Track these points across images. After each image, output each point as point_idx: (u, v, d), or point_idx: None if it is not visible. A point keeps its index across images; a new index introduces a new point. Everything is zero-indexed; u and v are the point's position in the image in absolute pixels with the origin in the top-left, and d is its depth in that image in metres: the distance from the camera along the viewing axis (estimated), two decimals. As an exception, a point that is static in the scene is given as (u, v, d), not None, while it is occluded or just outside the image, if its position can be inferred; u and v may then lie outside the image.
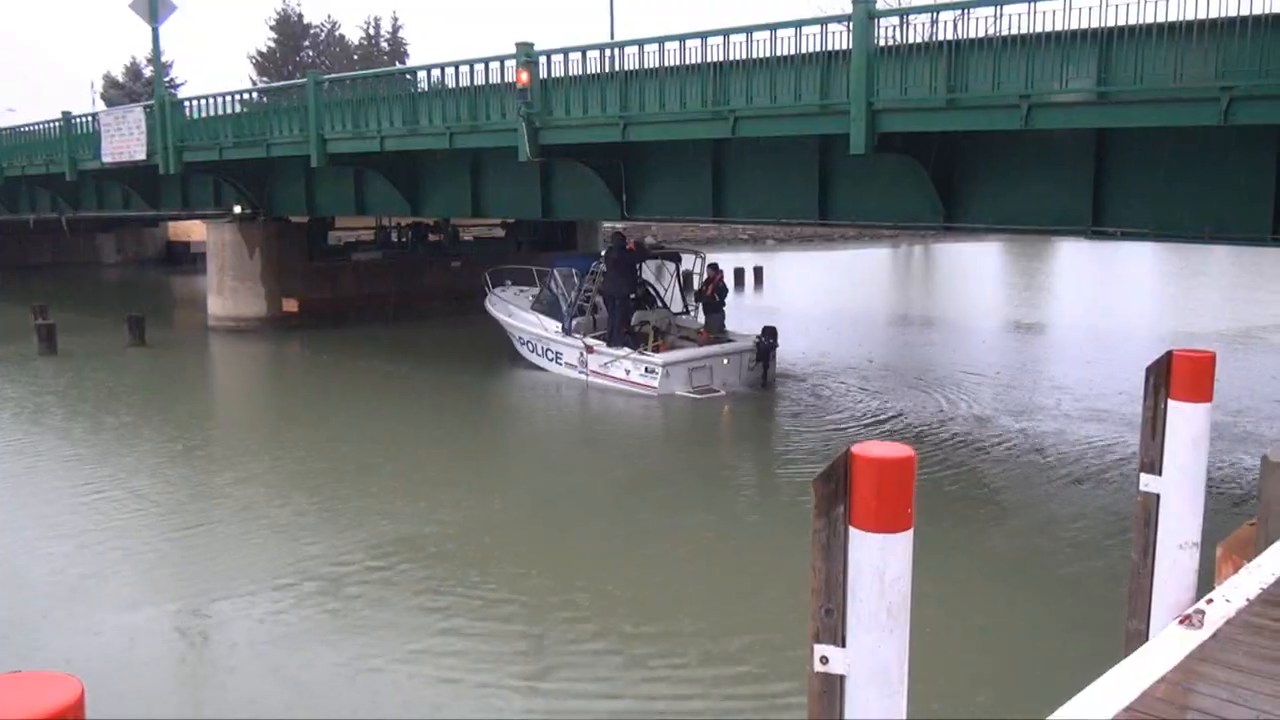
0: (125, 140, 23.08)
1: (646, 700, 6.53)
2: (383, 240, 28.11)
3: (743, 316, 19.49)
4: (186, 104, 22.26)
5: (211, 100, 21.66)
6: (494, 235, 32.52)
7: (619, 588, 8.27)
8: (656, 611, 7.87)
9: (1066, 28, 9.87)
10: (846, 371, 18.05)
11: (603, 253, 17.95)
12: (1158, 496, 4.34)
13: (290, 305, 23.94)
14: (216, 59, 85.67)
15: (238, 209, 24.08)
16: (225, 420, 15.58)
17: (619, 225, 25.47)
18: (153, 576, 8.68)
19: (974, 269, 42.79)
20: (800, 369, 18.23)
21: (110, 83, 59.70)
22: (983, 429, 13.73)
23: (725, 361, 16.42)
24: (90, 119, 25.23)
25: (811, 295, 31.97)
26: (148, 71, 55.43)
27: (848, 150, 11.55)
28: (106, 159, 23.69)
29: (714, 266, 17.74)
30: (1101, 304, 29.19)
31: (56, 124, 26.14)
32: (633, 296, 17.59)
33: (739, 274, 33.38)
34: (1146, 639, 4.19)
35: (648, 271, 19.15)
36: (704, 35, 12.90)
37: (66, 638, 7.52)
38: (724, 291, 17.73)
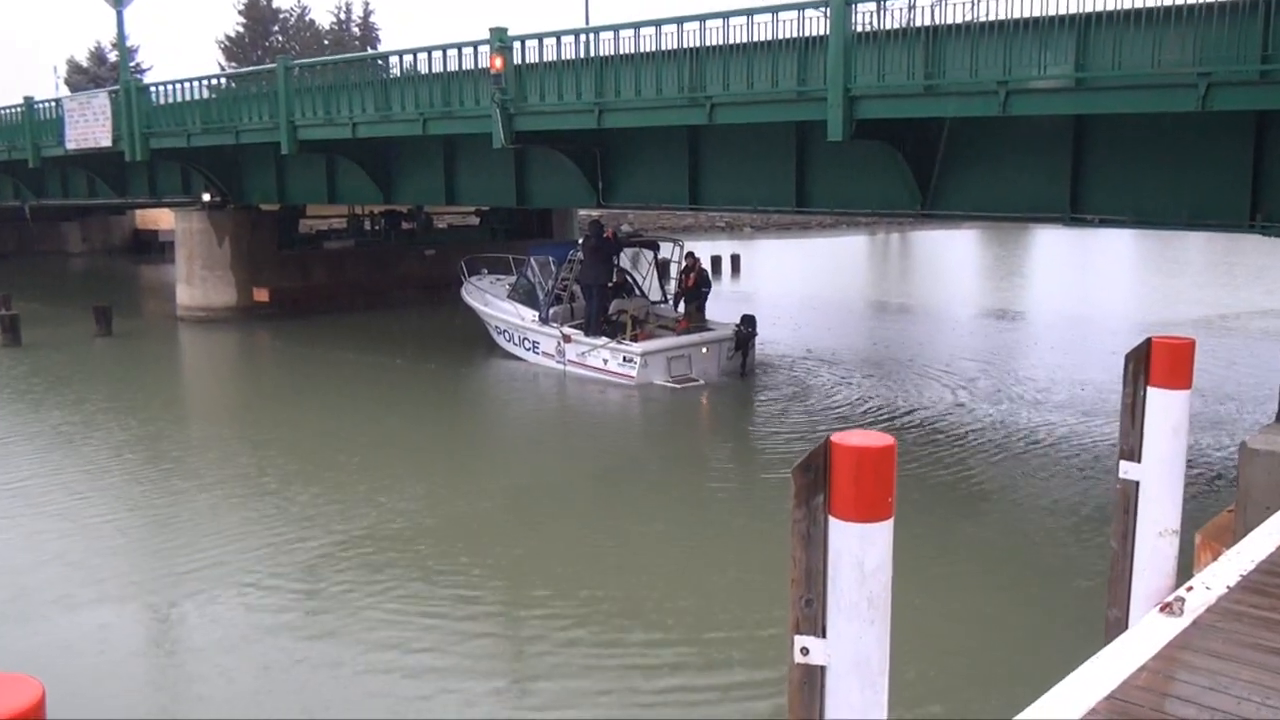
0: (90, 126, 22.72)
1: (630, 696, 6.51)
2: (355, 229, 27.86)
3: (721, 305, 19.48)
4: (153, 89, 21.94)
5: (179, 86, 21.35)
6: (468, 223, 32.29)
7: (596, 583, 8.22)
8: (636, 608, 7.84)
9: (1045, 13, 9.89)
10: (825, 360, 18.09)
11: (580, 241, 17.87)
12: (1137, 484, 4.36)
13: (261, 294, 23.72)
14: (184, 44, 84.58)
15: (207, 197, 23.79)
16: (191, 413, 15.41)
17: (595, 213, 25.40)
18: (110, 575, 8.55)
19: (951, 257, 43.05)
20: (779, 358, 18.24)
21: (74, 68, 58.77)
22: (961, 417, 13.81)
23: (704, 351, 16.42)
24: (54, 105, 24.81)
25: (789, 283, 32.03)
26: (112, 56, 54.59)
27: (825, 137, 11.54)
28: (71, 145, 23.32)
29: (691, 255, 17.71)
30: (1079, 291, 29.45)
31: (19, 109, 25.70)
32: (610, 285, 17.55)
33: (716, 262, 33.37)
34: (1126, 627, 4.21)
35: (625, 260, 19.12)
36: (680, 21, 12.84)
37: (25, 637, 7.41)
38: (706, 281, 17.71)
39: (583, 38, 13.97)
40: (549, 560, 8.67)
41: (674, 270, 18.45)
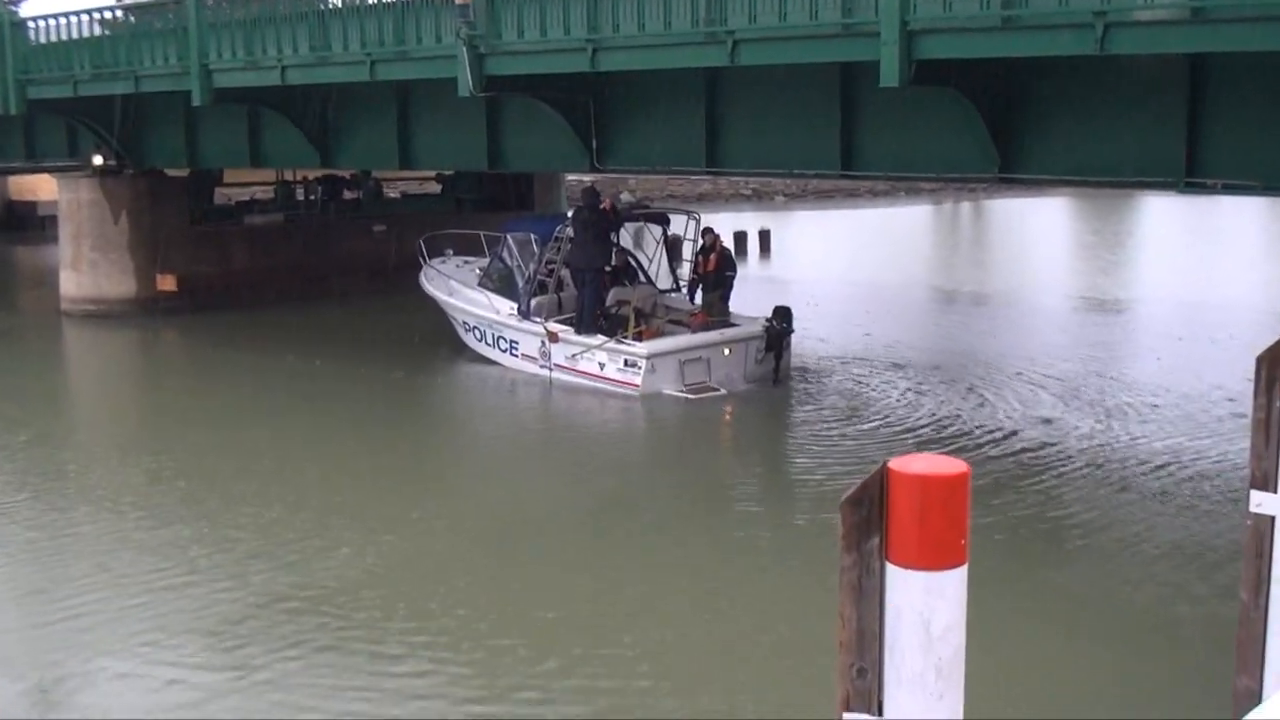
0: (-49, 72, 22.80)
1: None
2: (285, 199, 27.96)
3: (746, 293, 19.54)
4: (31, 25, 22.03)
5: (64, 21, 21.45)
6: (427, 192, 32.35)
7: (586, 669, 8.09)
8: (636, 680, 7.85)
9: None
10: (879, 363, 18.14)
11: (569, 214, 17.91)
12: (1272, 520, 4.38)
13: (166, 282, 23.80)
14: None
15: (98, 160, 23.88)
16: (76, 436, 15.45)
17: (588, 179, 25.42)
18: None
19: (1036, 231, 43.14)
20: (821, 361, 18.30)
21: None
22: (1051, 435, 13.84)
23: (726, 352, 16.47)
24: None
25: (833, 266, 32.10)
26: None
27: (877, 82, 11.58)
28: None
29: (709, 232, 17.76)
30: (1200, 274, 29.48)
31: None
32: (608, 269, 17.59)
33: (740, 239, 33.50)
34: (1260, 699, 4.23)
35: (626, 237, 19.14)
36: (695, -65, 12.92)
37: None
38: (729, 264, 17.74)
39: (572, -42, 14.06)
40: (525, 633, 8.52)
41: (688, 250, 18.49)
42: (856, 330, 21.08)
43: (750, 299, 19.88)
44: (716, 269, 17.53)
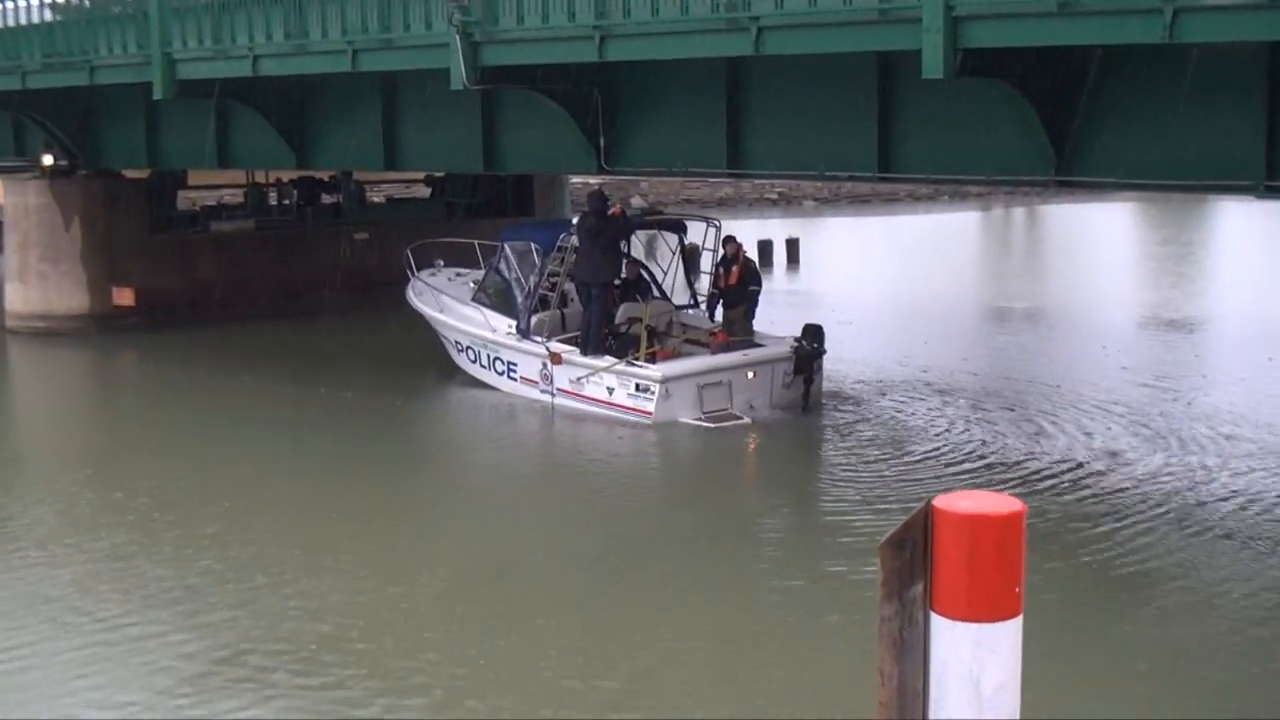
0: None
1: None
2: (256, 204, 28.12)
3: (772, 309, 19.55)
4: (-26, 10, 22.23)
5: (11, 5, 21.62)
6: (415, 196, 32.47)
7: (586, 715, 8.13)
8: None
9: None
10: (923, 389, 18.12)
11: (574, 221, 17.96)
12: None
13: (124, 296, 23.90)
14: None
15: (48, 160, 24.03)
16: (18, 467, 15.49)
17: (595, 182, 25.49)
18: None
19: (1098, 239, 43.11)
20: (856, 385, 18.29)
21: None
22: (1116, 470, 13.80)
23: (750, 375, 16.48)
24: None
25: (869, 279, 32.11)
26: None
27: (920, 74, 11.60)
28: None
29: (731, 241, 17.78)
30: (1281, 290, 29.42)
31: None
32: (617, 283, 17.64)
33: (765, 249, 33.53)
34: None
35: (637, 247, 19.17)
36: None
37: None
38: (754, 277, 17.77)
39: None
40: (516, 695, 8.48)
41: (707, 262, 18.53)
42: (896, 351, 21.06)
43: (776, 316, 19.89)
44: (739, 282, 17.57)
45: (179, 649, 9.26)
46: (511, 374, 17.71)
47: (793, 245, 35.56)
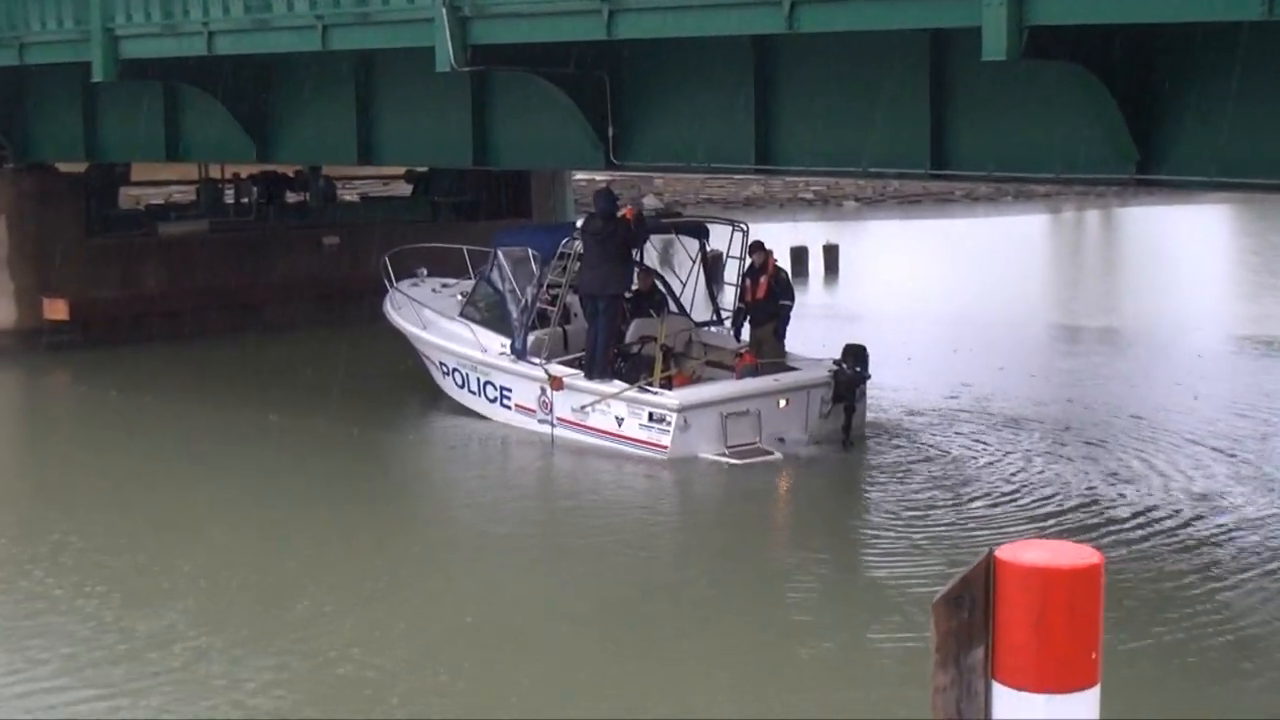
0: None
1: None
2: (211, 203, 28.21)
3: (807, 326, 19.57)
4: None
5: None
6: (395, 194, 32.61)
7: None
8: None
9: None
10: (984, 420, 18.11)
11: (578, 224, 17.99)
12: None
13: (56, 309, 23.94)
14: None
15: (-29, 152, 24.17)
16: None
17: (602, 179, 25.55)
18: None
19: (1186, 246, 43.01)
20: (907, 416, 18.30)
21: None
22: (1209, 517, 13.73)
23: (782, 403, 16.49)
24: None
25: (920, 291, 32.07)
26: None
27: (979, 56, 11.62)
28: None
29: (759, 248, 17.82)
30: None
31: None
32: (628, 295, 17.69)
33: (799, 256, 33.59)
34: None
35: (652, 254, 19.18)
36: None
37: None
38: (786, 289, 17.79)
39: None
40: None
41: (732, 271, 18.55)
42: (952, 376, 21.05)
43: (813, 334, 19.90)
44: (768, 296, 17.61)
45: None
46: (505, 401, 17.72)
47: (831, 252, 35.61)
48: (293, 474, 15.98)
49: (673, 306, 18.67)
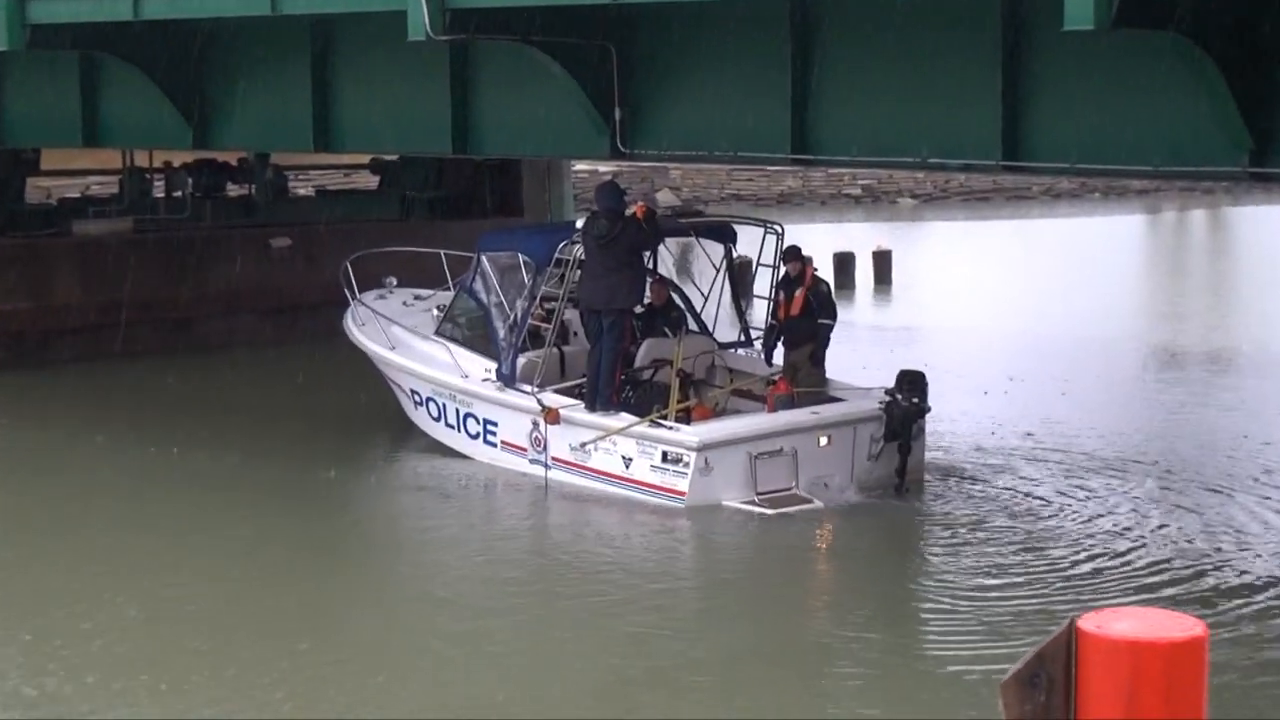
0: None
1: None
2: (136, 197, 28.22)
3: (853, 348, 19.53)
4: None
5: None
6: (357, 188, 32.60)
7: None
8: None
9: None
10: (1064, 461, 18.11)
11: (579, 225, 18.01)
12: None
13: (-53, 325, 23.99)
14: None
15: None
16: None
17: (607, 170, 25.60)
18: None
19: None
20: (973, 456, 18.31)
21: None
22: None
23: (824, 441, 16.49)
24: None
25: (987, 305, 32.04)
26: None
27: (1060, 25, 11.65)
28: None
29: (795, 254, 17.76)
30: None
31: None
32: (639, 310, 17.75)
33: (843, 263, 33.60)
34: None
35: (667, 260, 19.15)
36: None
37: None
38: (827, 304, 17.72)
39: None
40: None
41: (765, 282, 18.55)
42: (1027, 408, 21.06)
43: (860, 358, 19.88)
44: (804, 313, 17.58)
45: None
46: (490, 437, 17.74)
47: (882, 259, 35.58)
48: (236, 518, 15.94)
49: (692, 324, 18.70)
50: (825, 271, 19.92)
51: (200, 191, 28.01)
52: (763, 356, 18.37)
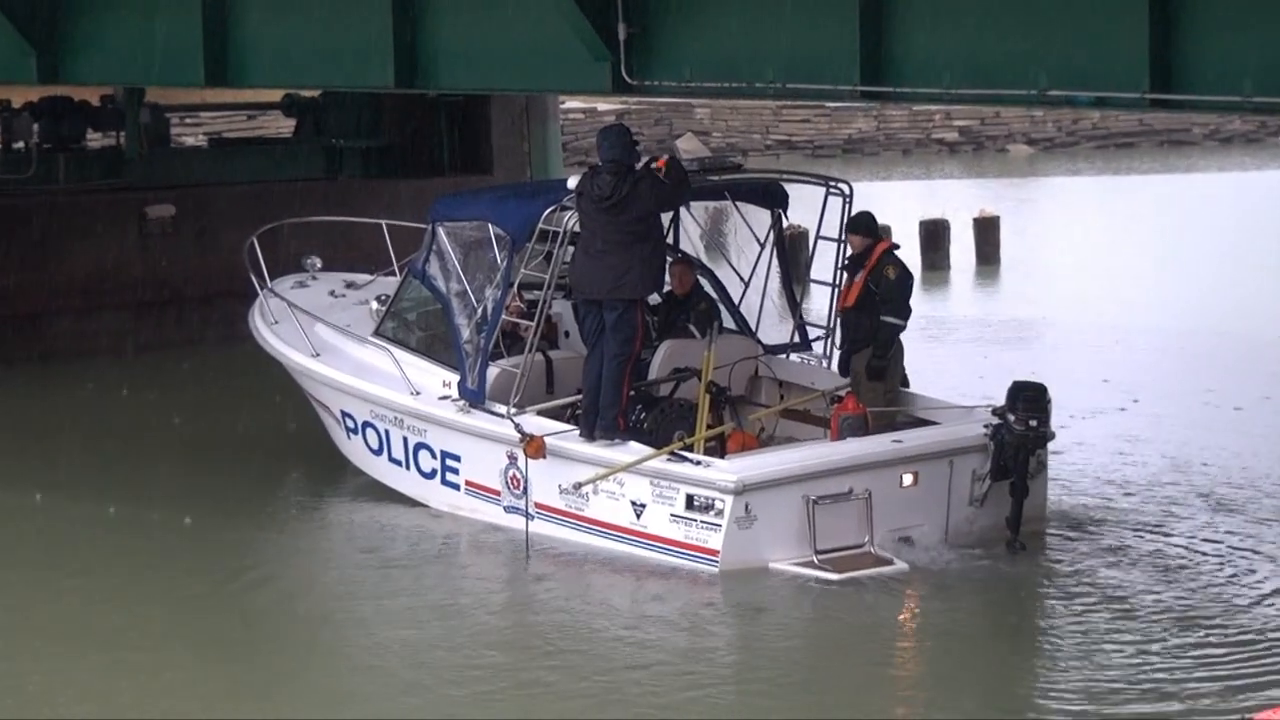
0: None
1: None
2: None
3: (946, 350, 19.50)
4: None
5: None
6: (266, 135, 32.68)
7: None
8: None
9: None
10: (1238, 504, 18.16)
11: (571, 184, 17.96)
12: None
13: None
14: None
15: None
16: None
17: (608, 108, 25.58)
18: None
19: None
20: (1111, 496, 18.37)
21: None
22: None
23: (908, 480, 16.54)
24: None
25: (1131, 291, 32.05)
26: None
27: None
28: None
29: (862, 223, 17.69)
30: None
31: None
32: (654, 301, 17.85)
33: (933, 233, 33.68)
34: None
35: (692, 232, 19.16)
36: None
37: None
38: (893, 294, 17.48)
39: None
40: None
41: (825, 261, 18.55)
42: (1186, 431, 21.14)
43: (956, 363, 19.83)
44: (862, 304, 17.52)
45: None
46: (450, 476, 17.82)
47: (986, 229, 35.61)
48: (108, 589, 16.02)
49: (727, 320, 18.77)
50: (908, 247, 19.76)
51: (48, 141, 28.09)
52: (825, 362, 18.41)
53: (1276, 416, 22.20)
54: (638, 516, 16.35)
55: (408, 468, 18.22)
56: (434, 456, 17.92)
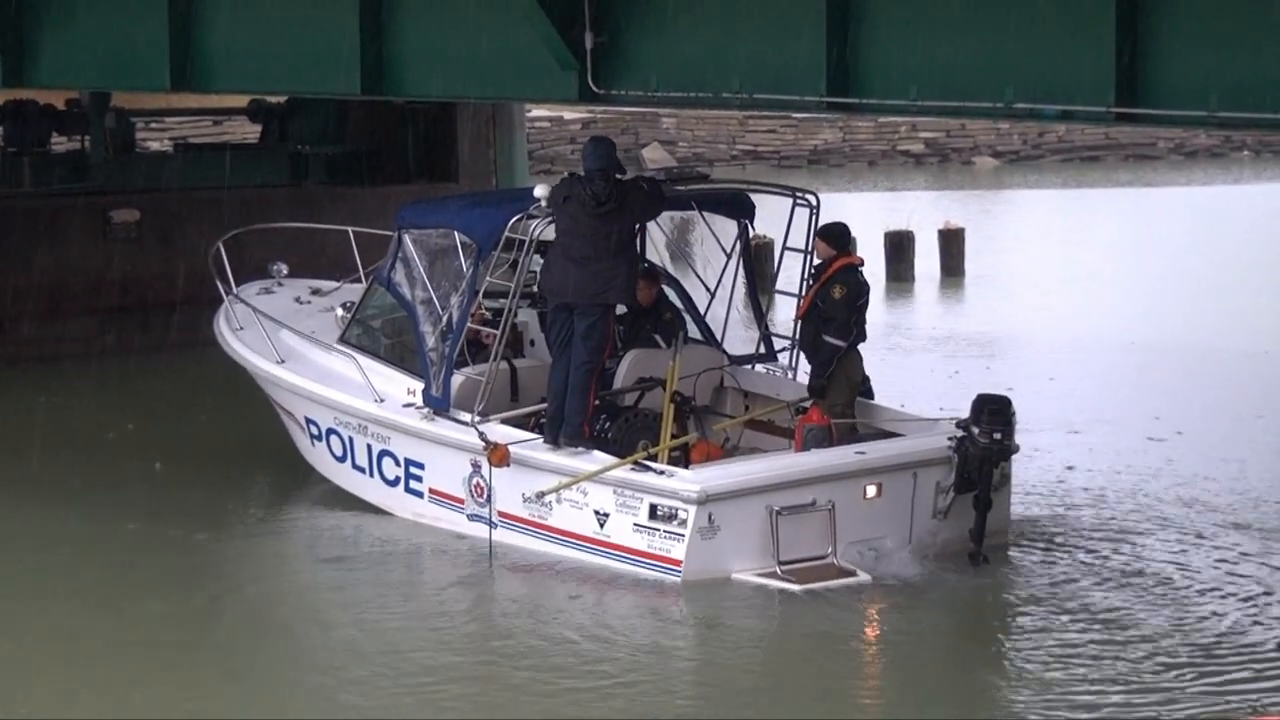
0: None
1: None
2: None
3: (912, 361, 19.49)
4: None
5: None
6: (232, 141, 32.60)
7: None
8: None
9: None
10: (1202, 519, 18.17)
11: (538, 193, 17.91)
12: None
13: None
14: None
15: None
16: None
17: (574, 116, 25.58)
18: None
19: None
20: (1076, 508, 18.42)
21: None
22: None
23: (872, 491, 16.55)
24: None
25: (1095, 305, 32.08)
26: None
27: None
28: None
29: (831, 233, 17.70)
30: None
31: None
32: (621, 311, 17.82)
33: (898, 245, 33.75)
34: None
35: (657, 240, 19.15)
36: None
37: None
38: (838, 311, 17.38)
39: None
40: None
41: (791, 275, 18.58)
42: (1155, 446, 21.17)
43: (922, 376, 19.85)
44: (806, 315, 17.64)
45: None
46: (413, 484, 17.82)
47: (951, 241, 35.66)
48: (70, 604, 15.92)
49: (692, 330, 18.77)
50: (872, 259, 19.73)
51: (11, 144, 28.02)
52: (791, 374, 18.44)
53: (1234, 428, 22.23)
54: (601, 526, 16.34)
55: (371, 475, 18.20)
56: (398, 464, 17.91)
